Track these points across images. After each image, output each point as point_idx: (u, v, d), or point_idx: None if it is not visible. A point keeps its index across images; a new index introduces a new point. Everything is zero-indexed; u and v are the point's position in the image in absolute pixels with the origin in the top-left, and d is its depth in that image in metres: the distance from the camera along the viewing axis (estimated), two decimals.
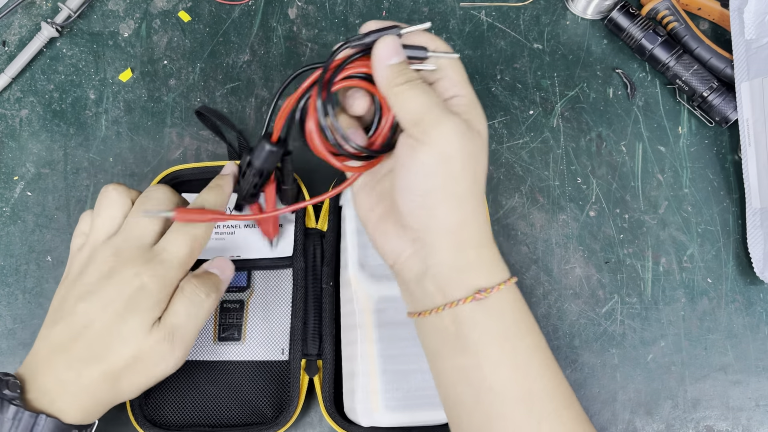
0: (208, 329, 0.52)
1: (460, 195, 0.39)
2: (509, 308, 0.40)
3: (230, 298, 0.52)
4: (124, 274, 0.41)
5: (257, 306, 0.52)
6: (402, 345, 0.48)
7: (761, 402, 0.55)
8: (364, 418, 0.47)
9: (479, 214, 0.40)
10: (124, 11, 0.60)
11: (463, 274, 0.39)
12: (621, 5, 0.59)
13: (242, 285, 0.53)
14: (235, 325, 0.52)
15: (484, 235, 0.41)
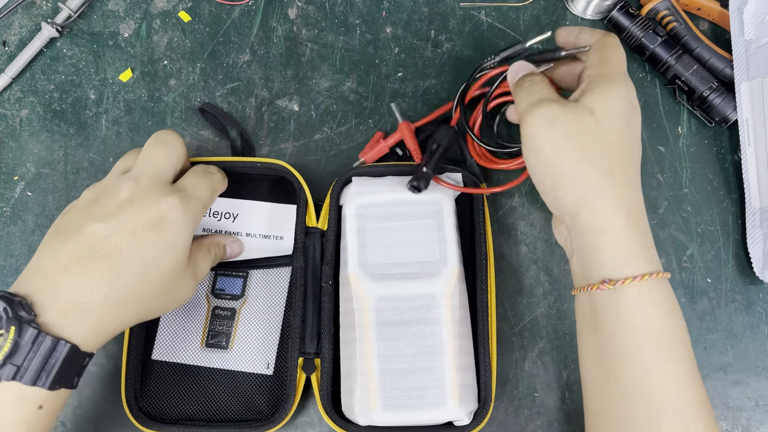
0: (197, 334, 0.52)
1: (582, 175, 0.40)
2: (640, 304, 0.40)
3: (222, 305, 0.52)
4: (150, 199, 0.41)
5: (249, 316, 0.52)
6: (400, 345, 0.48)
7: (761, 402, 0.55)
8: (361, 417, 0.47)
9: (616, 196, 0.40)
10: (125, 11, 0.60)
11: (594, 256, 0.40)
12: (621, 5, 0.59)
13: (236, 294, 0.53)
14: (224, 333, 0.52)
15: (624, 217, 0.40)
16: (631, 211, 0.40)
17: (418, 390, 0.47)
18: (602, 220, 0.40)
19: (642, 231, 0.41)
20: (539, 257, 0.57)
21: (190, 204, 0.43)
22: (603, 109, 0.41)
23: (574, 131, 0.40)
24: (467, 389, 0.48)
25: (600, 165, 0.40)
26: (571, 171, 0.41)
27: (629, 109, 0.42)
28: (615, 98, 0.42)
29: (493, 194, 0.57)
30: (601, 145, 0.40)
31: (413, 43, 0.61)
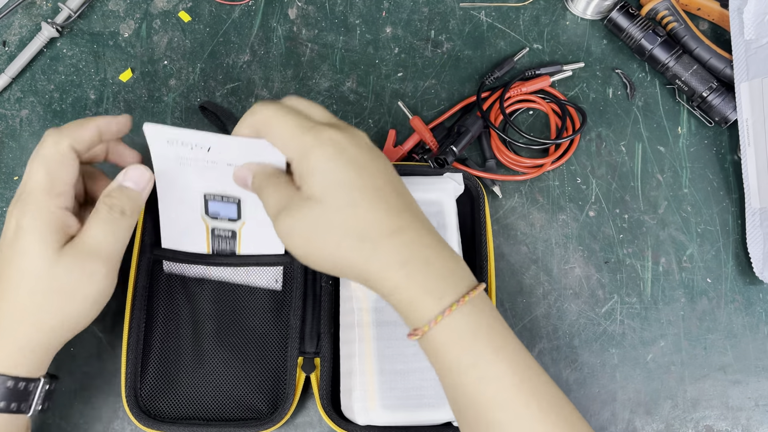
0: (201, 244, 0.51)
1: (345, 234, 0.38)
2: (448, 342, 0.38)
3: (221, 227, 0.51)
4: (6, 224, 0.42)
5: (251, 236, 0.51)
6: (400, 344, 0.48)
7: (761, 402, 0.55)
8: (360, 416, 0.47)
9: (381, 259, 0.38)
10: (125, 11, 0.60)
11: (399, 311, 0.40)
12: (621, 5, 0.59)
13: (233, 217, 0.50)
14: (228, 251, 0.51)
15: (399, 271, 0.38)
16: (404, 260, 0.38)
17: (417, 390, 0.47)
18: (382, 284, 0.39)
19: (422, 272, 0.38)
20: (539, 257, 0.57)
21: (24, 200, 0.42)
22: (318, 189, 0.38)
23: (311, 228, 0.38)
24: None
25: (348, 240, 0.38)
26: (336, 260, 0.39)
27: (343, 160, 0.39)
28: (324, 168, 0.38)
29: (493, 194, 0.57)
30: (338, 223, 0.38)
31: (413, 43, 0.61)
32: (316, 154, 0.38)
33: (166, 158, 0.45)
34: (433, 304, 0.38)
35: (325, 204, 0.38)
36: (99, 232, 0.42)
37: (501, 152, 0.58)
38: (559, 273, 0.57)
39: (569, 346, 0.55)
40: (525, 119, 0.60)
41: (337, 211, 0.38)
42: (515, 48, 0.61)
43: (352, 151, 0.39)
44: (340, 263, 0.39)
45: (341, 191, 0.38)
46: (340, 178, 0.38)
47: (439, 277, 0.39)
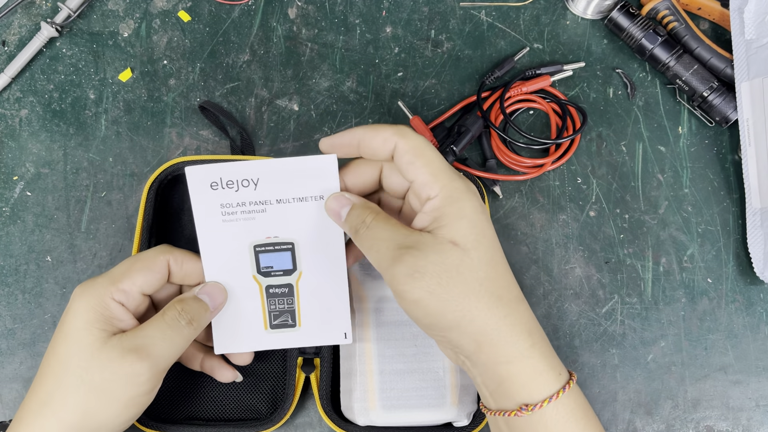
0: (257, 317, 0.46)
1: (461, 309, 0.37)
2: (559, 421, 0.38)
3: (276, 283, 0.46)
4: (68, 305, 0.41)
5: (309, 288, 0.46)
6: (399, 345, 0.48)
7: (761, 402, 0.55)
8: (360, 416, 0.47)
9: (512, 322, 0.37)
10: (124, 11, 0.60)
11: (504, 385, 0.38)
12: (621, 5, 0.59)
13: (288, 268, 0.46)
14: (287, 311, 0.46)
15: (527, 340, 0.38)
16: (530, 329, 0.38)
17: (417, 390, 0.47)
18: (506, 350, 0.37)
19: (545, 345, 0.39)
20: (539, 257, 0.57)
21: (88, 285, 0.41)
22: (466, 236, 0.37)
23: (445, 272, 0.36)
24: (466, 390, 0.48)
25: (486, 297, 0.37)
26: (461, 313, 0.37)
27: (485, 218, 0.38)
28: (472, 218, 0.37)
29: (493, 194, 0.57)
30: (480, 276, 0.37)
31: (413, 42, 0.61)
32: (469, 202, 0.38)
33: (209, 213, 0.43)
34: (554, 379, 0.38)
35: (468, 252, 0.37)
36: (158, 332, 0.40)
37: (501, 152, 0.57)
38: (560, 273, 0.57)
39: (570, 347, 0.55)
40: (525, 119, 0.60)
41: (480, 263, 0.37)
42: (515, 48, 0.61)
43: (487, 212, 0.40)
44: (468, 317, 0.37)
45: (486, 245, 0.37)
46: (486, 233, 0.38)
47: (554, 354, 0.39)
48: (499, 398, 0.38)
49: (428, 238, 0.37)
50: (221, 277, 0.45)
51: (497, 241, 0.39)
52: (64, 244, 0.56)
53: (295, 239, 0.45)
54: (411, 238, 0.37)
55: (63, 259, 0.56)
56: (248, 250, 0.45)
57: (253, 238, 0.45)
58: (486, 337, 0.37)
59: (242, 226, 0.44)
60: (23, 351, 0.54)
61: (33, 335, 0.54)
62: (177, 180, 0.54)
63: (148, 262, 0.42)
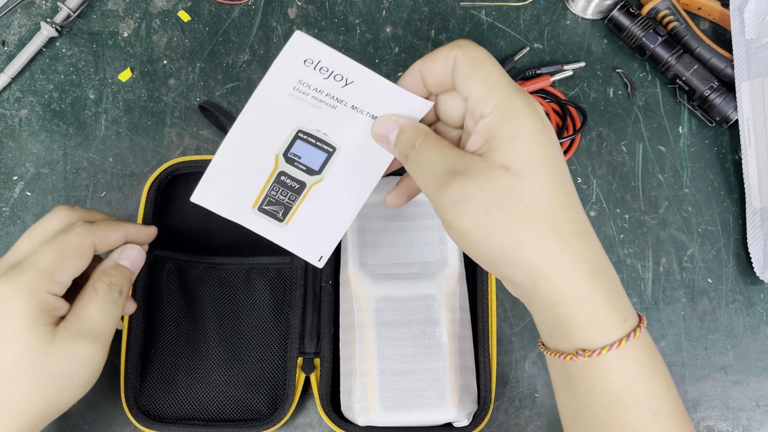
0: (251, 192, 0.42)
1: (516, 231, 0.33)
2: (620, 371, 0.34)
3: (292, 174, 0.42)
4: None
5: (319, 197, 0.43)
6: (400, 345, 0.48)
7: (761, 402, 0.55)
8: (360, 417, 0.47)
9: (572, 257, 0.33)
10: (124, 11, 0.60)
11: (561, 327, 0.34)
12: (621, 5, 0.59)
13: (313, 168, 0.42)
14: (283, 204, 0.43)
15: (588, 279, 0.33)
16: (594, 268, 0.34)
17: (417, 390, 0.47)
18: (563, 290, 0.33)
19: (610, 286, 0.34)
20: None
21: (18, 278, 0.38)
22: (520, 159, 0.33)
23: (495, 201, 0.32)
24: (467, 390, 0.48)
25: (542, 229, 0.33)
26: (510, 246, 0.33)
27: (547, 139, 0.33)
28: (529, 139, 0.33)
29: None
30: (535, 205, 0.33)
31: (413, 42, 0.61)
32: (526, 121, 0.33)
33: (285, 79, 0.40)
34: (618, 325, 0.34)
35: (522, 178, 0.32)
36: (97, 312, 0.40)
37: None
38: None
39: None
40: None
41: (534, 190, 0.32)
42: (515, 47, 0.61)
43: (553, 133, 0.34)
44: (518, 251, 0.33)
45: (543, 171, 0.33)
46: (546, 156, 0.33)
47: (621, 296, 0.34)
48: (557, 339, 0.35)
49: (478, 162, 0.33)
50: (245, 140, 0.41)
51: (562, 167, 0.34)
52: None
53: (339, 147, 0.42)
54: (460, 162, 0.34)
55: None
56: (290, 131, 0.41)
57: (304, 124, 0.41)
58: (540, 274, 0.33)
59: (304, 108, 0.41)
60: None
61: None
62: (177, 180, 0.54)
63: (76, 249, 0.41)
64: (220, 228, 0.53)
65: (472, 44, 0.35)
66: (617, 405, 0.34)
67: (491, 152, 0.33)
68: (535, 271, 0.33)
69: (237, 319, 0.52)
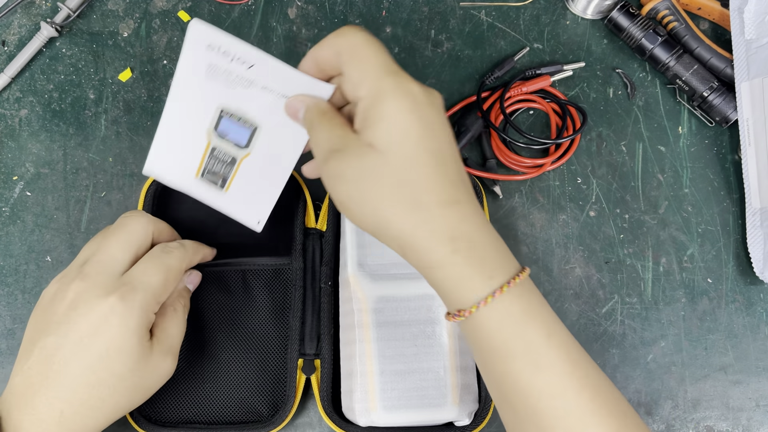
0: (192, 161, 0.46)
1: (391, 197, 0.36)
2: (494, 326, 0.36)
3: (223, 149, 0.46)
4: (91, 302, 0.41)
5: (250, 169, 0.47)
6: (400, 345, 0.48)
7: (761, 402, 0.55)
8: (361, 417, 0.47)
9: (431, 228, 0.35)
10: (124, 11, 0.60)
11: (438, 291, 0.37)
12: (621, 5, 0.59)
13: (241, 142, 0.46)
14: (220, 175, 0.47)
15: (447, 245, 0.35)
16: (454, 235, 0.35)
17: (418, 390, 0.47)
18: (426, 257, 0.36)
19: (474, 249, 0.36)
20: (539, 257, 0.57)
21: (134, 298, 0.41)
22: (383, 137, 0.35)
23: (363, 177, 0.35)
24: (467, 390, 0.48)
25: (403, 202, 0.35)
26: (378, 218, 0.36)
27: (413, 118, 0.35)
28: (395, 119, 0.35)
29: (493, 194, 0.57)
30: (397, 180, 0.35)
31: (413, 42, 0.61)
32: (392, 102, 0.35)
33: (195, 65, 0.43)
34: (482, 284, 0.35)
35: (385, 155, 0.35)
36: (176, 330, 0.45)
37: (501, 152, 0.57)
38: (560, 273, 0.57)
39: None
40: (525, 119, 0.60)
41: (396, 166, 0.35)
42: (515, 47, 0.61)
43: (427, 111, 0.36)
44: (383, 223, 0.36)
45: (406, 147, 0.35)
46: (410, 133, 0.35)
47: (489, 257, 0.36)
48: (444, 301, 0.38)
49: (353, 140, 0.36)
50: (179, 119, 0.45)
51: (430, 143, 0.36)
52: (64, 244, 0.56)
53: (260, 124, 0.45)
54: (342, 140, 0.37)
55: (63, 259, 0.56)
56: (214, 110, 0.45)
57: (225, 103, 0.45)
58: (406, 243, 0.36)
59: (221, 90, 0.44)
60: None
61: None
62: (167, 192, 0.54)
63: (177, 274, 0.45)
64: (217, 231, 0.53)
65: (354, 30, 0.37)
66: (500, 359, 0.36)
67: (363, 131, 0.36)
68: (401, 240, 0.36)
69: (236, 322, 0.52)
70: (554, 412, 0.35)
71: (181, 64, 0.43)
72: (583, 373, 0.36)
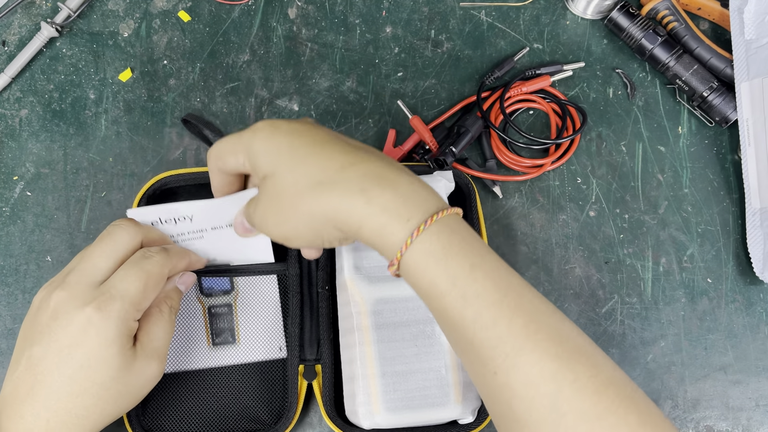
0: (200, 337, 0.51)
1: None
2: (422, 267, 0.36)
3: (217, 303, 0.51)
4: (70, 313, 0.40)
5: (245, 307, 0.51)
6: (400, 346, 0.48)
7: (761, 402, 0.55)
8: (365, 420, 0.47)
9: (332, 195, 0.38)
10: (124, 11, 0.60)
11: (375, 248, 0.38)
12: (621, 5, 0.59)
13: (227, 288, 0.51)
14: (227, 329, 0.51)
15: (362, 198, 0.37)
16: (363, 187, 0.37)
17: (420, 390, 0.47)
18: (350, 220, 0.37)
19: (386, 194, 0.37)
20: (539, 257, 0.57)
21: (111, 308, 0.41)
22: (264, 165, 0.40)
23: (273, 199, 0.40)
24: (470, 387, 0.48)
25: (310, 193, 0.38)
26: (306, 220, 0.39)
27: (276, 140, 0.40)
28: (260, 148, 0.40)
29: (493, 194, 0.57)
30: (296, 180, 0.39)
31: (413, 42, 0.61)
32: (255, 142, 0.40)
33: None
34: (401, 228, 0.36)
35: (276, 174, 0.39)
36: (162, 333, 0.44)
37: (501, 152, 0.57)
38: (560, 273, 0.57)
39: None
40: (525, 119, 0.60)
41: (287, 173, 0.39)
42: (515, 47, 0.61)
43: (287, 126, 0.41)
44: (313, 218, 0.38)
45: (284, 156, 0.39)
46: (281, 147, 0.39)
47: (404, 199, 0.37)
48: (384, 258, 0.39)
49: (259, 187, 0.41)
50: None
51: (302, 139, 0.40)
52: (64, 244, 0.56)
53: (230, 260, 0.51)
54: (255, 191, 0.43)
55: (63, 259, 0.56)
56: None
57: None
58: (335, 217, 0.38)
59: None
60: None
61: None
62: (167, 193, 0.54)
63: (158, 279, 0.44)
64: None
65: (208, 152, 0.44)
66: (434, 298, 0.37)
67: (256, 176, 0.41)
68: (332, 215, 0.38)
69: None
70: (489, 342, 0.35)
71: None
72: (516, 300, 0.36)
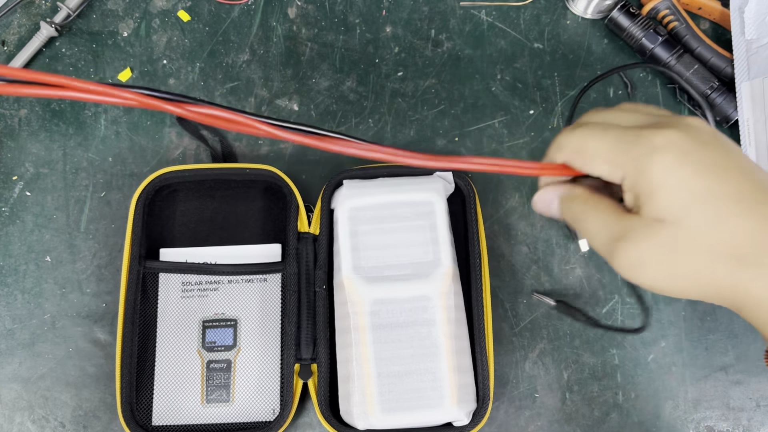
0: (195, 391, 0.51)
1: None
2: None
3: (217, 358, 0.51)
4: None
5: (245, 364, 0.51)
6: (396, 347, 0.48)
7: (762, 402, 0.55)
8: (360, 420, 0.47)
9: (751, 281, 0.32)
10: (124, 11, 0.60)
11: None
12: (621, 5, 0.59)
13: (228, 344, 0.51)
14: (223, 386, 0.51)
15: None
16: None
17: (416, 392, 0.47)
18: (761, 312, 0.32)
19: None
20: (539, 257, 0.57)
21: None
22: (668, 208, 0.32)
23: (664, 258, 0.32)
24: (465, 389, 0.48)
25: (725, 264, 0.32)
26: (697, 290, 0.33)
27: (687, 171, 0.32)
28: (668, 183, 0.32)
29: (493, 194, 0.57)
30: (709, 244, 0.32)
31: (413, 42, 0.61)
32: (656, 167, 0.32)
33: (170, 291, 0.52)
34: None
35: (681, 225, 0.32)
36: None
37: None
38: (560, 273, 0.56)
39: (570, 347, 0.55)
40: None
41: (699, 230, 0.32)
42: (516, 47, 0.61)
43: (699, 152, 0.32)
44: (711, 290, 0.32)
45: (700, 205, 0.32)
46: (695, 190, 0.32)
47: None
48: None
49: (636, 221, 0.33)
50: (171, 350, 0.51)
51: (722, 186, 0.32)
52: (63, 244, 0.56)
53: (239, 316, 0.52)
54: (620, 225, 0.34)
55: (62, 259, 0.56)
56: (197, 325, 0.52)
57: (204, 314, 0.52)
58: (740, 302, 0.32)
59: (197, 302, 0.52)
60: (22, 351, 0.54)
61: (32, 335, 0.54)
62: (165, 188, 0.54)
63: None
64: (210, 236, 0.53)
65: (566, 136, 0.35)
66: None
67: (642, 208, 0.33)
68: (733, 301, 0.32)
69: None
70: None
71: (160, 296, 0.52)
72: None
